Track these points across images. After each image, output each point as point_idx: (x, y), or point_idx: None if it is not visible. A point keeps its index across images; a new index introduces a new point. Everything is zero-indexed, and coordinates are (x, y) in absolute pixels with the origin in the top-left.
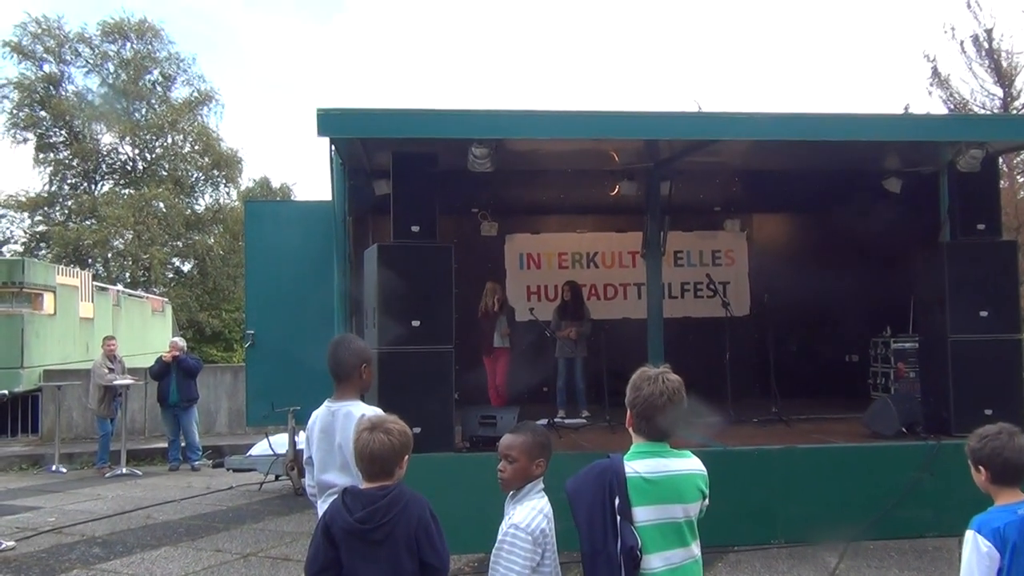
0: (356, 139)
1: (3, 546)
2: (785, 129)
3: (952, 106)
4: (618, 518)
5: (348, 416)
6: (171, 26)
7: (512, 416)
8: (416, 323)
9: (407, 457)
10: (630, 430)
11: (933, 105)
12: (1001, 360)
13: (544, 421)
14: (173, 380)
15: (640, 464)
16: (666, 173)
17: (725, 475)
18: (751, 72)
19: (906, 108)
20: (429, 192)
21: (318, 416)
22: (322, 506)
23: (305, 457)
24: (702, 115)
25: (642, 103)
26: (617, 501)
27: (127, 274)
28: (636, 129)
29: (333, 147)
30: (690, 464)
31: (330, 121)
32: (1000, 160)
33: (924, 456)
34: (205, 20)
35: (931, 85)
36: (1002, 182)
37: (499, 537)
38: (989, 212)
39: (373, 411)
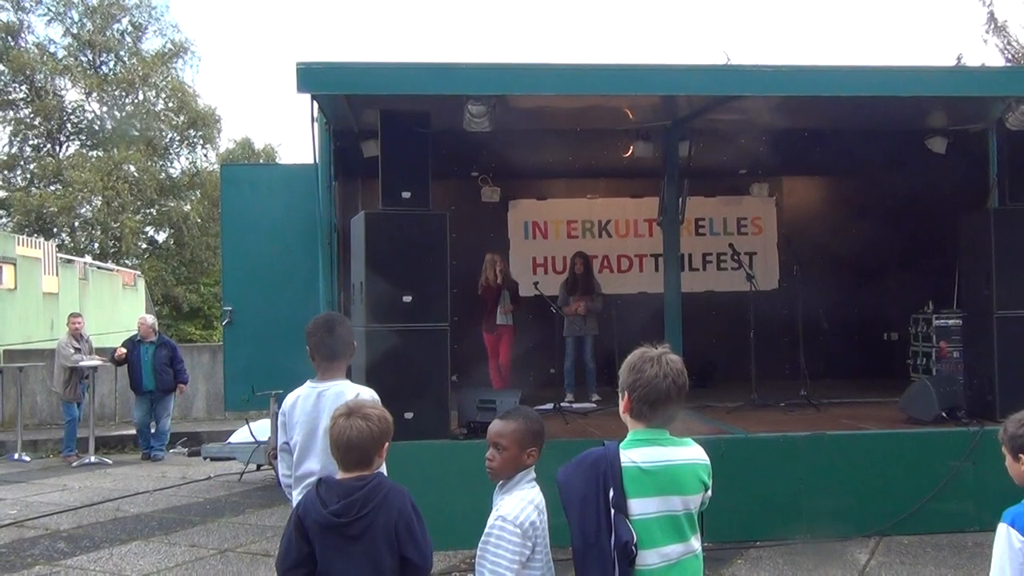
0: (341, 96)
1: None
2: (817, 84)
3: (1010, 56)
4: (612, 511)
5: (338, 396)
6: None
7: (514, 400)
8: (408, 298)
9: (387, 445)
10: (626, 417)
11: (988, 55)
12: None
13: (549, 406)
14: (147, 364)
15: (637, 453)
16: (685, 132)
17: (747, 464)
18: (787, 21)
19: (959, 59)
20: (421, 154)
21: (299, 397)
22: (297, 497)
23: (280, 443)
24: (725, 68)
25: (664, 56)
26: (611, 493)
27: (96, 244)
28: (652, 84)
29: (316, 105)
30: (691, 453)
31: (312, 76)
32: None
33: (965, 444)
34: None
35: (987, 32)
36: None
37: (486, 530)
38: None
39: (368, 392)
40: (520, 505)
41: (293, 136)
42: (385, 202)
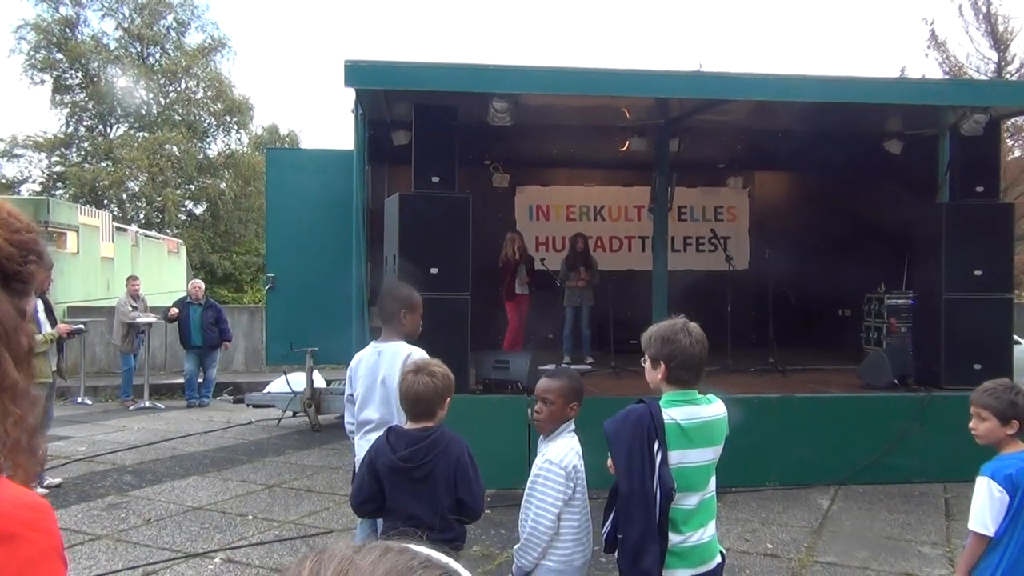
0: (379, 91)
1: (48, 482)
2: (795, 90)
3: (948, 69)
4: (656, 460)
5: (395, 355)
6: None
7: (524, 361)
8: (435, 270)
9: (448, 399)
10: (661, 383)
11: (929, 68)
12: (992, 318)
13: (552, 366)
14: (195, 323)
15: (676, 412)
16: (675, 130)
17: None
18: (750, 34)
19: (902, 71)
20: (449, 144)
21: (363, 356)
22: (359, 442)
23: (346, 395)
24: (715, 75)
25: (647, 62)
26: (656, 445)
27: (142, 215)
28: (654, 87)
29: (356, 97)
30: (718, 409)
31: (358, 72)
32: None
33: (915, 407)
34: None
35: (928, 48)
36: None
37: (533, 472)
38: (989, 175)
39: (419, 352)
40: (564, 451)
41: (313, 123)
42: (417, 185)
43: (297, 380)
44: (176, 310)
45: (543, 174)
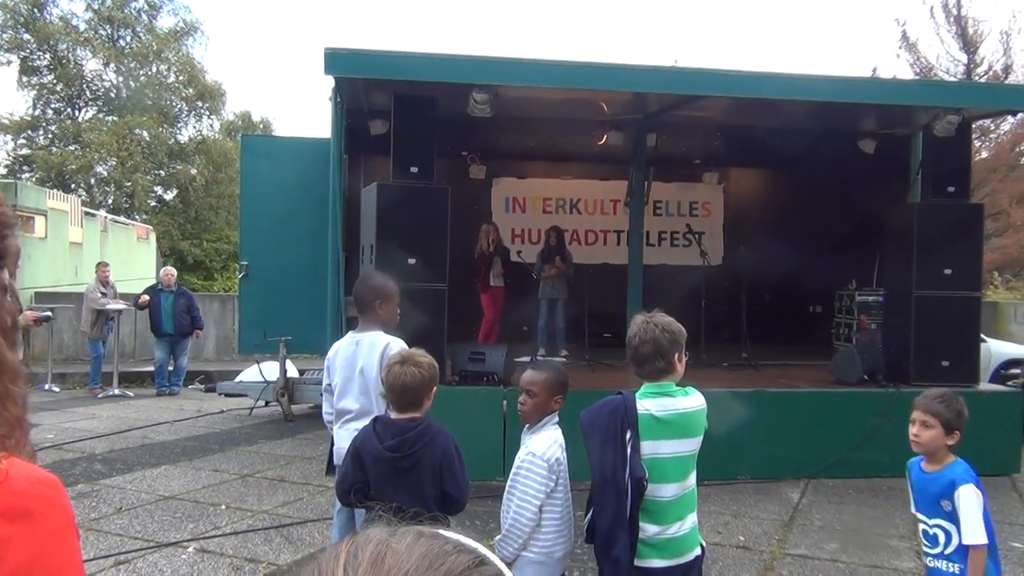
0: (358, 79)
1: None
2: (772, 88)
3: (918, 70)
4: (628, 450)
5: (373, 344)
6: None
7: (500, 353)
8: (412, 260)
9: (434, 389)
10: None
11: (900, 68)
12: (961, 316)
13: (527, 358)
14: (167, 310)
15: (651, 403)
16: (653, 125)
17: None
18: (725, 31)
19: (874, 70)
20: (428, 134)
21: (340, 346)
22: (338, 432)
23: (324, 385)
24: (692, 71)
25: (624, 57)
26: (629, 435)
27: (110, 200)
28: (633, 82)
29: (334, 86)
30: (695, 401)
31: (338, 60)
32: None
33: (884, 403)
34: None
35: (900, 48)
36: None
37: (516, 464)
38: (960, 175)
39: (397, 342)
40: (547, 444)
41: (285, 110)
42: (395, 175)
43: (270, 369)
44: (147, 297)
45: (520, 166)
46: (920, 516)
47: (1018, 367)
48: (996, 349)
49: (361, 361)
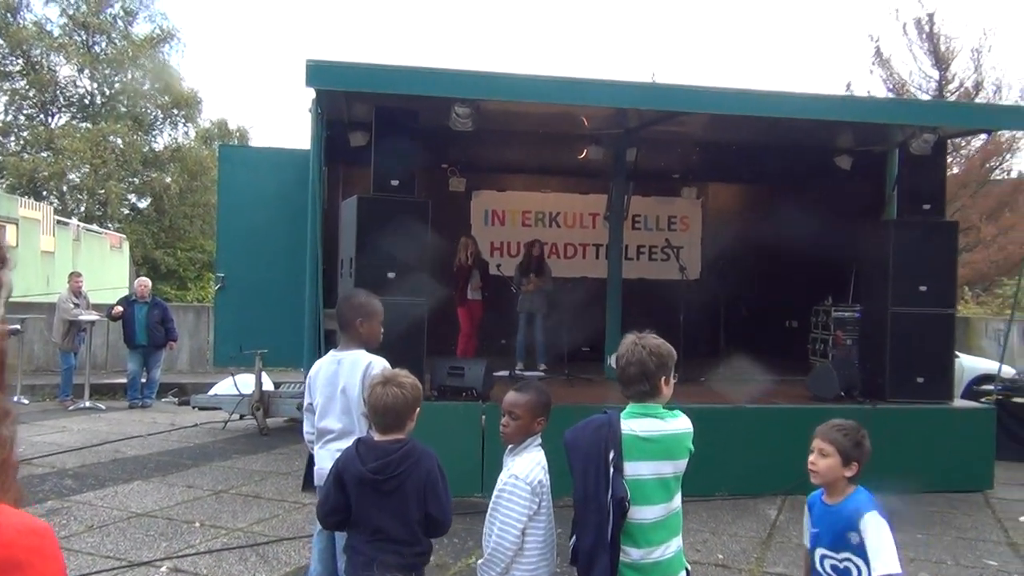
0: (339, 91)
1: None
2: (755, 106)
3: (892, 86)
4: (611, 470)
5: (355, 364)
6: None
7: (480, 368)
8: (392, 274)
9: (417, 410)
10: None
11: (874, 84)
12: (936, 332)
13: (506, 373)
14: (140, 321)
15: (636, 423)
16: (633, 140)
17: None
18: (702, 47)
19: (848, 86)
20: (410, 147)
21: (322, 364)
22: (319, 452)
23: (305, 404)
24: (673, 87)
25: (601, 69)
26: (612, 455)
27: (83, 208)
28: (616, 98)
29: (316, 98)
30: (680, 424)
31: (320, 72)
32: None
33: (860, 419)
34: None
35: (873, 64)
36: None
37: (498, 487)
38: (935, 193)
39: (380, 361)
40: (530, 466)
41: (263, 119)
42: (376, 188)
43: (245, 382)
44: (120, 308)
45: (499, 179)
46: (827, 552)
47: (990, 382)
48: (968, 364)
49: (343, 380)
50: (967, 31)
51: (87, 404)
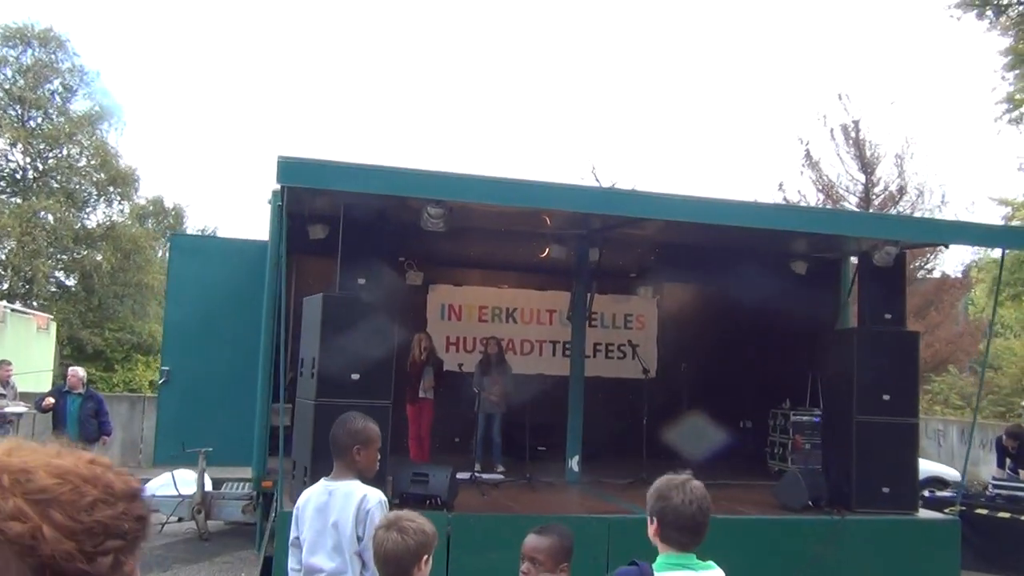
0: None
1: None
2: (712, 214)
3: (821, 187)
4: None
5: (348, 496)
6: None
7: (445, 475)
8: (355, 376)
9: (426, 557)
10: (655, 540)
11: (804, 185)
12: (900, 442)
13: (468, 475)
14: (72, 414)
15: None
16: (595, 240)
17: (642, 542)
18: (637, 145)
19: (780, 185)
20: (377, 246)
21: (312, 494)
22: None
23: (292, 537)
24: (631, 193)
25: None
26: None
27: (6, 285)
28: (579, 202)
29: (281, 192)
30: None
31: (291, 170)
32: None
33: (828, 529)
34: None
35: (803, 166)
36: None
37: None
38: (896, 303)
39: (375, 493)
40: None
41: (199, 198)
42: (342, 286)
43: (184, 479)
44: (51, 400)
45: (457, 274)
46: None
47: (938, 484)
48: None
49: (335, 514)
50: (891, 138)
51: None
